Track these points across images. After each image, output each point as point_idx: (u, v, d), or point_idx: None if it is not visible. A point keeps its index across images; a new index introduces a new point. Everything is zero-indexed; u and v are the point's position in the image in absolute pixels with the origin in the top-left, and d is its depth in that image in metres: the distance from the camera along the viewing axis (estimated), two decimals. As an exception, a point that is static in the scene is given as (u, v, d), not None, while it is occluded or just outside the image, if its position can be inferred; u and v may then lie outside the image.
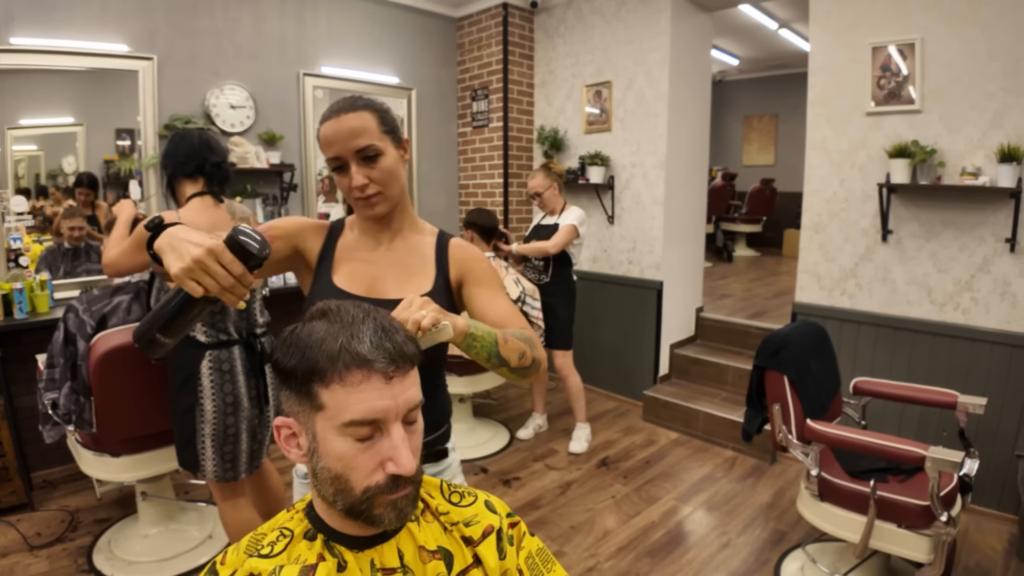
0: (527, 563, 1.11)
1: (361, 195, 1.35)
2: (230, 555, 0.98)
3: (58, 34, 3.53)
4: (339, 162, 1.34)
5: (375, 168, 1.34)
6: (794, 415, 2.59)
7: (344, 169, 1.34)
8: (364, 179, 1.33)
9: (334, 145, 1.32)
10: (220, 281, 1.00)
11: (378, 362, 0.88)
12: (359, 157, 1.32)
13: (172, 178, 2.49)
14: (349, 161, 1.33)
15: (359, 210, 1.40)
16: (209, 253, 0.99)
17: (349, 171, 1.33)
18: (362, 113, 1.33)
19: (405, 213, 1.50)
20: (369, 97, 1.38)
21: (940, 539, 2.22)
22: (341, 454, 0.90)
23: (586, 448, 4.16)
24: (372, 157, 1.33)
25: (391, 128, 1.39)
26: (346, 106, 1.34)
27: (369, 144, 1.32)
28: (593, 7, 4.91)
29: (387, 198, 1.39)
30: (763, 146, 10.37)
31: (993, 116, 3.11)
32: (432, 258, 1.49)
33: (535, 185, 4.07)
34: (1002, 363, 3.21)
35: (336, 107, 1.34)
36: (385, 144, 1.35)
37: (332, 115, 1.33)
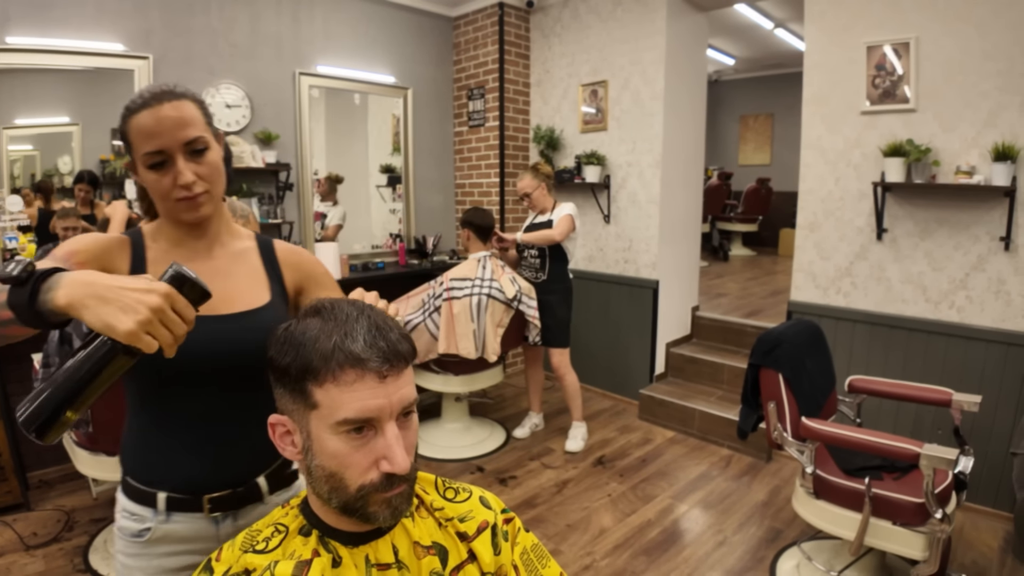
0: (522, 559, 1.12)
1: (188, 194, 1.15)
2: (225, 551, 0.98)
3: (54, 33, 3.52)
4: (161, 157, 1.13)
5: (203, 163, 1.17)
6: (789, 413, 2.60)
7: (164, 166, 1.14)
8: (192, 175, 1.15)
9: (157, 137, 1.11)
10: (175, 330, 0.87)
11: (372, 361, 0.88)
12: (187, 150, 1.15)
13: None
14: (175, 155, 1.13)
15: (181, 213, 1.19)
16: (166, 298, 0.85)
17: (172, 167, 1.14)
18: (185, 102, 1.16)
19: (222, 217, 1.32)
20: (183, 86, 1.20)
21: (935, 536, 2.23)
22: (335, 452, 0.90)
23: (582, 447, 4.16)
24: (201, 151, 1.16)
25: (210, 120, 1.23)
26: (164, 94, 1.14)
27: (199, 136, 1.15)
28: (589, 7, 4.91)
29: (213, 198, 1.22)
30: (759, 145, 10.38)
31: (988, 115, 3.12)
32: (260, 266, 1.34)
33: (523, 186, 4.07)
34: (997, 361, 3.22)
35: (151, 95, 1.13)
36: (210, 137, 1.19)
37: (148, 103, 1.12)
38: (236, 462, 1.25)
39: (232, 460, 1.24)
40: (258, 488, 1.27)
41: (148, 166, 1.14)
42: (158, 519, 1.21)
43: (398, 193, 5.40)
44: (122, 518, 1.25)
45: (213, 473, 1.21)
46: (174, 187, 1.14)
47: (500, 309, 3.84)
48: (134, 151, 1.15)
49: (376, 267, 4.95)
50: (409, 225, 5.42)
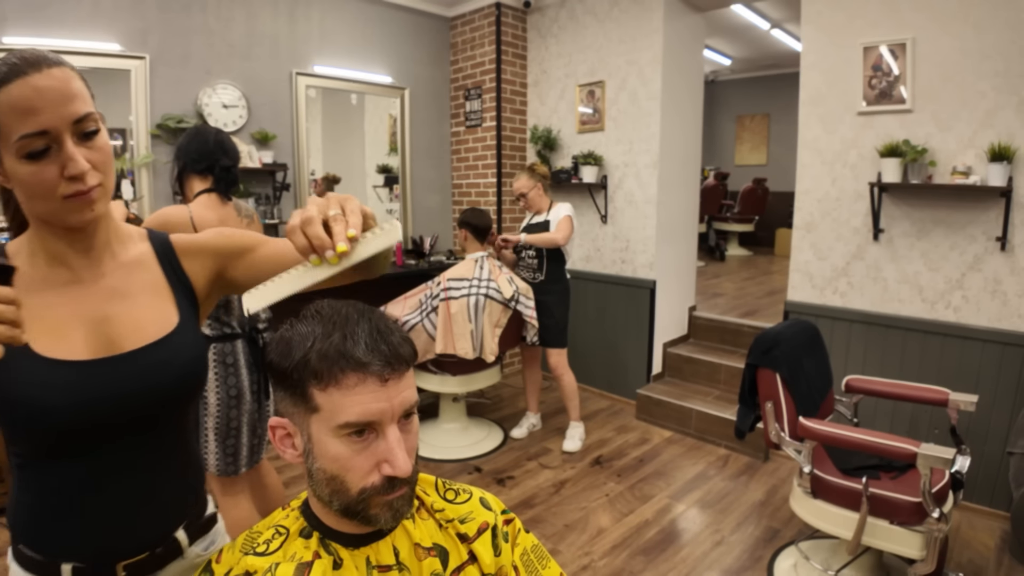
0: (522, 560, 1.12)
1: (81, 187, 0.90)
2: (225, 553, 0.98)
3: (50, 33, 3.51)
4: (43, 141, 0.86)
5: (95, 148, 0.92)
6: (786, 413, 2.60)
7: (46, 153, 0.87)
8: (86, 163, 0.89)
9: (38, 113, 0.85)
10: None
11: (374, 365, 0.88)
12: (77, 131, 0.89)
13: (182, 172, 2.51)
14: (63, 137, 0.87)
15: (69, 215, 0.92)
16: None
17: (58, 154, 0.88)
18: (66, 70, 0.89)
19: (109, 218, 1.04)
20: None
21: (932, 535, 2.23)
22: (336, 455, 0.90)
23: (580, 447, 4.17)
24: (92, 132, 0.91)
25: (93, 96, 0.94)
26: (41, 60, 0.87)
27: (89, 112, 0.90)
28: (586, 7, 4.91)
29: (106, 194, 0.95)
30: (755, 146, 10.40)
31: (984, 115, 3.13)
32: (160, 273, 1.09)
33: (519, 186, 4.08)
34: (993, 361, 3.23)
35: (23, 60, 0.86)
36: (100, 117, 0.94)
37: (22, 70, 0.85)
38: (152, 518, 1.06)
39: (147, 517, 1.05)
40: (177, 543, 1.09)
41: (24, 155, 0.86)
42: None
43: (395, 193, 5.40)
44: None
45: (126, 536, 1.02)
46: (60, 180, 0.89)
47: (497, 309, 3.85)
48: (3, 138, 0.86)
49: (373, 267, 4.93)
50: (406, 225, 5.42)
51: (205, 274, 1.13)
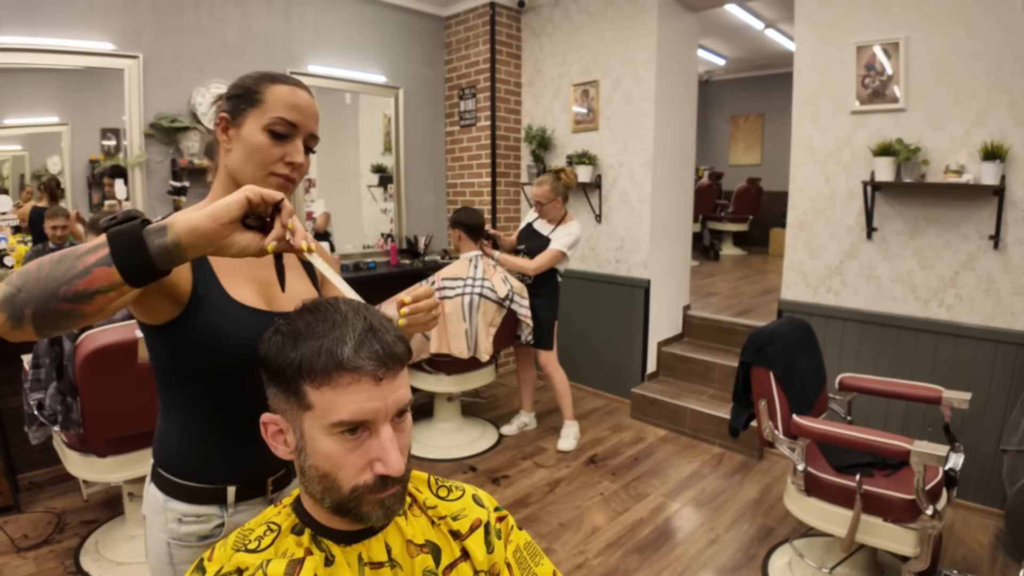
0: (515, 557, 1.12)
1: (288, 173, 1.18)
2: (217, 551, 0.98)
3: (43, 32, 3.50)
4: (289, 130, 1.16)
5: (307, 160, 1.22)
6: (780, 411, 2.60)
7: (284, 139, 1.16)
8: (303, 160, 1.20)
9: (301, 114, 1.17)
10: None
11: (368, 363, 0.88)
12: (307, 142, 1.21)
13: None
14: (298, 137, 1.18)
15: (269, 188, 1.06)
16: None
17: (290, 144, 1.17)
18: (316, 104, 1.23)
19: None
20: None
21: (926, 533, 2.24)
22: (329, 453, 0.90)
23: (575, 446, 4.16)
24: (312, 151, 1.23)
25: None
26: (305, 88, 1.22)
27: (318, 138, 1.23)
28: (580, 6, 4.92)
29: (292, 191, 1.25)
30: (749, 145, 10.41)
31: (977, 114, 3.14)
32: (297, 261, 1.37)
33: (539, 194, 3.97)
34: (986, 359, 3.24)
35: (296, 81, 1.21)
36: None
37: (295, 83, 1.20)
38: None
39: None
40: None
41: (270, 130, 1.15)
42: (228, 514, 1.20)
43: (389, 193, 5.39)
44: (182, 525, 1.18)
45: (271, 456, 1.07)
46: (280, 161, 1.17)
47: (492, 308, 3.84)
48: (261, 110, 1.15)
49: (367, 267, 4.93)
50: (400, 225, 5.41)
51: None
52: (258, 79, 1.17)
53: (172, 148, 4.02)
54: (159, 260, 0.83)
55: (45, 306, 0.83)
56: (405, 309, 1.17)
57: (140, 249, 0.82)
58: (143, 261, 0.83)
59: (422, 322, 1.21)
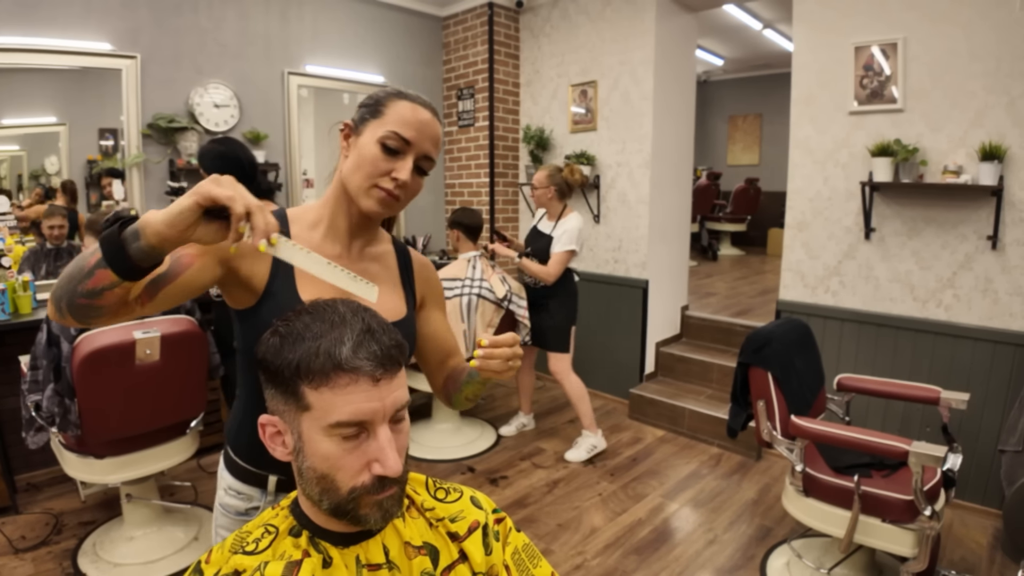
0: (513, 559, 1.11)
1: (391, 189, 1.16)
2: (215, 553, 0.97)
3: (41, 32, 3.50)
4: (403, 146, 1.16)
5: (417, 181, 1.20)
6: (778, 411, 2.60)
7: (397, 154, 1.16)
8: (408, 178, 1.16)
9: (417, 132, 1.16)
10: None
11: (366, 365, 0.87)
12: (420, 161, 1.18)
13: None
14: (410, 155, 1.17)
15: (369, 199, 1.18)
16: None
17: (400, 160, 1.16)
18: (440, 129, 1.23)
19: (377, 224, 1.36)
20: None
21: (924, 533, 2.24)
22: (327, 454, 0.89)
23: (585, 457, 4.01)
24: (423, 172, 1.21)
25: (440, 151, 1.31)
26: (433, 108, 1.22)
27: (433, 159, 1.21)
28: (578, 7, 4.92)
29: (397, 210, 1.24)
30: (748, 146, 10.42)
31: (975, 115, 3.14)
32: (397, 273, 1.37)
33: (535, 178, 3.95)
34: (984, 359, 3.24)
35: (424, 100, 1.21)
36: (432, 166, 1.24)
37: (420, 102, 1.20)
38: None
39: None
40: None
41: (383, 143, 1.15)
42: (266, 499, 1.27)
43: (388, 193, 5.38)
44: (227, 496, 1.30)
45: None
46: (386, 175, 1.16)
47: (490, 309, 3.84)
48: (380, 122, 1.16)
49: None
50: (399, 225, 5.41)
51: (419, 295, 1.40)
52: (388, 93, 1.19)
53: (170, 148, 4.02)
54: (140, 260, 0.91)
55: (71, 302, 0.94)
56: (480, 351, 1.14)
57: (122, 252, 0.90)
58: (127, 261, 0.91)
59: (496, 370, 1.15)
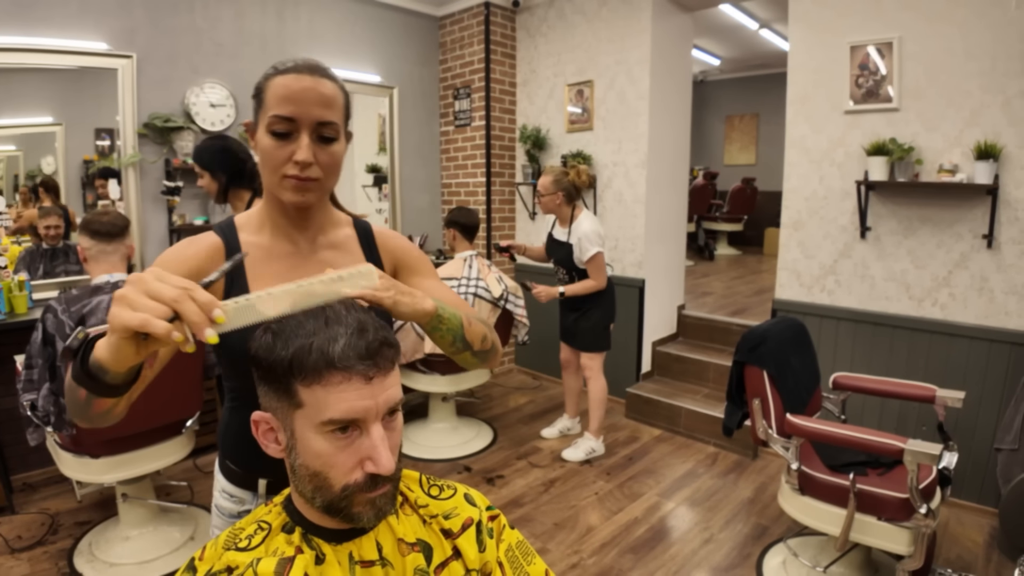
0: (507, 556, 1.11)
1: (299, 173, 1.08)
2: (208, 550, 0.97)
3: (37, 32, 3.49)
4: (288, 126, 1.07)
5: (326, 151, 1.10)
6: (774, 410, 2.61)
7: (288, 137, 1.07)
8: (311, 156, 1.08)
9: (295, 103, 1.06)
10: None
11: (359, 363, 0.87)
12: (316, 132, 1.08)
13: (228, 186, 2.79)
14: (302, 129, 1.07)
15: (285, 191, 1.12)
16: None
17: (296, 140, 1.08)
18: (332, 84, 1.11)
19: (327, 207, 1.28)
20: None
21: (920, 531, 2.24)
22: (320, 452, 0.89)
23: (582, 459, 4.00)
24: (329, 139, 1.10)
25: (349, 115, 1.18)
26: (314, 68, 1.09)
27: (333, 122, 1.10)
28: (575, 6, 4.92)
29: (322, 189, 1.15)
30: (744, 145, 10.43)
31: (970, 114, 3.15)
32: (360, 253, 1.30)
33: (541, 183, 3.84)
34: (980, 357, 3.24)
35: (303, 63, 1.09)
36: (342, 129, 1.14)
37: (297, 69, 1.08)
38: None
39: None
40: None
41: (271, 131, 1.07)
42: (257, 502, 1.27)
43: (384, 193, 5.39)
44: (221, 498, 1.31)
45: None
46: (288, 161, 1.08)
47: (487, 308, 3.84)
48: (263, 110, 1.08)
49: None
50: (395, 225, 5.40)
51: (388, 270, 1.32)
52: (266, 75, 1.10)
53: (166, 148, 4.01)
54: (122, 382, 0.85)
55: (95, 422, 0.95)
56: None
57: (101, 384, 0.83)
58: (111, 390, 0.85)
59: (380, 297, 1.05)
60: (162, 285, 0.75)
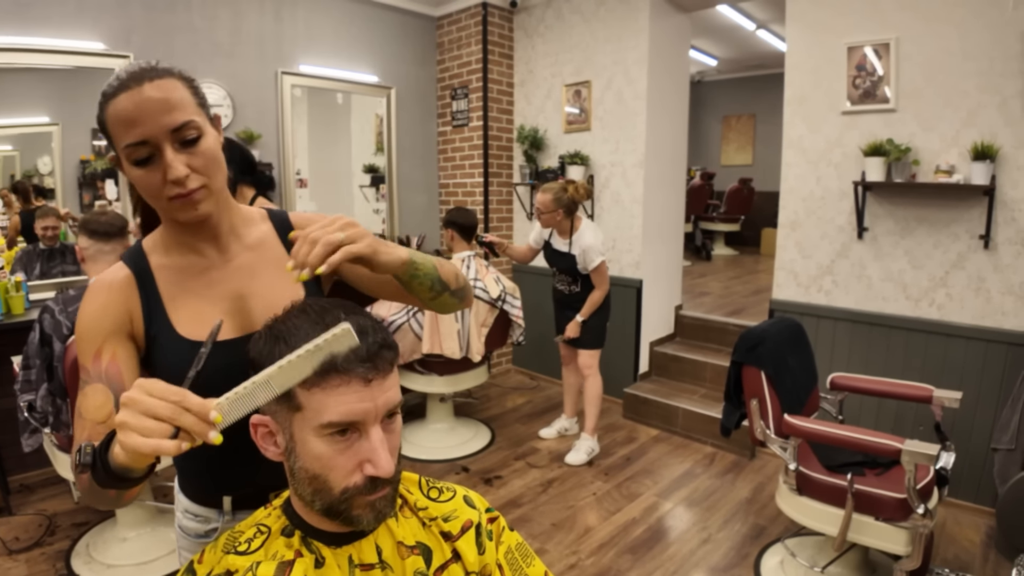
0: (506, 558, 1.11)
1: (182, 191, 0.98)
2: (207, 553, 0.98)
3: (34, 32, 3.48)
4: (146, 150, 0.96)
5: (196, 153, 0.99)
6: (771, 410, 2.61)
7: (152, 160, 0.96)
8: (185, 168, 0.97)
9: (139, 124, 0.94)
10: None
11: (357, 365, 0.87)
12: (176, 139, 0.97)
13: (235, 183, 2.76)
14: (163, 145, 0.96)
15: (177, 213, 1.02)
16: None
17: (160, 160, 0.96)
18: (170, 81, 0.97)
19: (231, 207, 1.15)
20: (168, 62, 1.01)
21: (917, 532, 2.24)
22: (319, 455, 0.89)
23: (585, 460, 3.99)
24: (193, 140, 0.99)
25: (203, 101, 1.04)
26: (145, 72, 0.95)
27: (188, 120, 0.97)
28: (572, 6, 4.92)
29: (212, 192, 1.04)
30: (741, 146, 10.43)
31: (967, 115, 3.15)
32: (282, 251, 1.20)
33: (540, 202, 3.78)
34: (977, 357, 3.25)
35: (128, 75, 0.95)
36: (203, 122, 1.02)
37: (126, 85, 0.94)
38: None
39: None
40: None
41: (133, 161, 0.96)
42: (224, 519, 1.21)
43: (381, 193, 5.39)
44: (185, 518, 1.24)
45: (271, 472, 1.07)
46: (165, 184, 0.98)
47: (484, 309, 3.84)
48: (115, 143, 0.97)
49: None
50: (393, 225, 5.40)
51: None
52: (100, 102, 0.97)
53: (163, 148, 3.99)
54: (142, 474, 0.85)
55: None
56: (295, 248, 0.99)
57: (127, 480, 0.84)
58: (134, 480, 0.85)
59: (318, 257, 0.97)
60: (156, 402, 0.75)
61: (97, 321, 1.06)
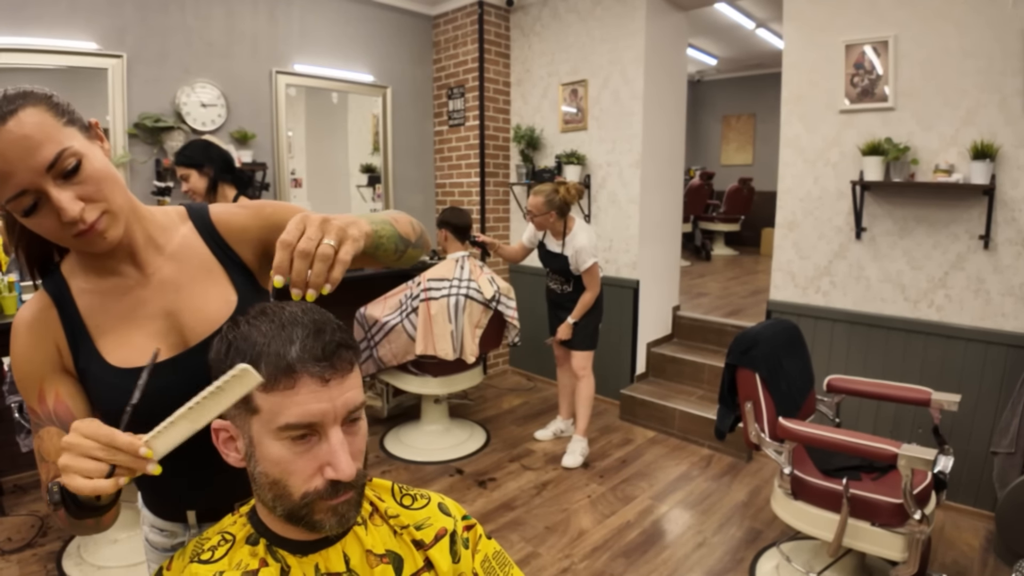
0: (483, 566, 1.09)
1: (83, 227, 0.89)
2: (176, 561, 0.96)
3: (26, 32, 3.46)
4: (30, 198, 0.85)
5: (83, 181, 0.88)
6: (766, 413, 2.58)
7: (39, 206, 0.87)
8: (78, 204, 0.87)
9: (10, 176, 0.83)
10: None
11: (313, 365, 0.85)
12: (56, 174, 0.86)
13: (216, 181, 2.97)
14: (44, 188, 0.85)
15: (86, 247, 0.94)
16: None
17: (48, 203, 0.86)
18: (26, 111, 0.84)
19: (142, 217, 1.05)
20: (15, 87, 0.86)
21: (914, 537, 2.21)
22: (278, 459, 0.87)
23: (580, 462, 3.96)
24: (75, 168, 0.87)
25: (70, 115, 0.91)
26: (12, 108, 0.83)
27: (61, 150, 0.85)
28: (569, 5, 4.89)
29: (116, 214, 0.94)
30: (741, 145, 10.42)
31: (966, 113, 3.12)
32: (207, 252, 1.10)
33: (531, 204, 3.77)
34: (976, 360, 3.22)
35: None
36: (76, 140, 0.89)
37: None
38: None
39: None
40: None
41: (21, 213, 0.87)
42: (190, 533, 1.18)
43: (378, 193, 5.37)
44: (152, 533, 1.21)
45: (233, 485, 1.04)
46: (63, 225, 0.89)
47: (478, 310, 3.81)
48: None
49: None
50: (389, 225, 5.37)
51: (251, 253, 1.14)
52: None
53: (156, 148, 3.98)
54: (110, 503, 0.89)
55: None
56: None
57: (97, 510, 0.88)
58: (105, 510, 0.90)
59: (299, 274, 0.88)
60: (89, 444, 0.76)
61: (27, 363, 1.00)
